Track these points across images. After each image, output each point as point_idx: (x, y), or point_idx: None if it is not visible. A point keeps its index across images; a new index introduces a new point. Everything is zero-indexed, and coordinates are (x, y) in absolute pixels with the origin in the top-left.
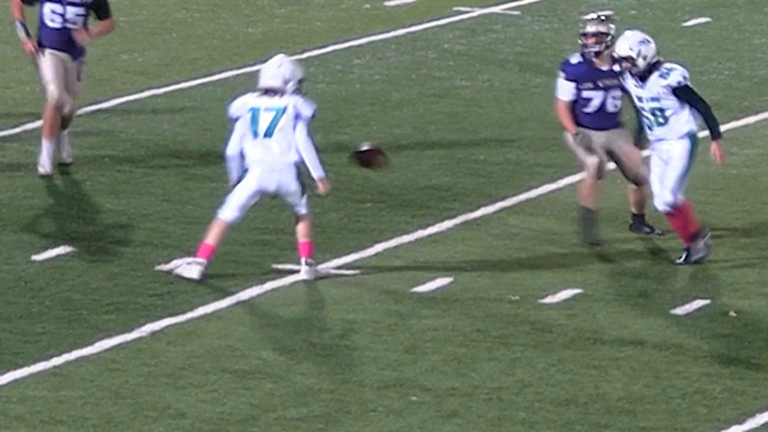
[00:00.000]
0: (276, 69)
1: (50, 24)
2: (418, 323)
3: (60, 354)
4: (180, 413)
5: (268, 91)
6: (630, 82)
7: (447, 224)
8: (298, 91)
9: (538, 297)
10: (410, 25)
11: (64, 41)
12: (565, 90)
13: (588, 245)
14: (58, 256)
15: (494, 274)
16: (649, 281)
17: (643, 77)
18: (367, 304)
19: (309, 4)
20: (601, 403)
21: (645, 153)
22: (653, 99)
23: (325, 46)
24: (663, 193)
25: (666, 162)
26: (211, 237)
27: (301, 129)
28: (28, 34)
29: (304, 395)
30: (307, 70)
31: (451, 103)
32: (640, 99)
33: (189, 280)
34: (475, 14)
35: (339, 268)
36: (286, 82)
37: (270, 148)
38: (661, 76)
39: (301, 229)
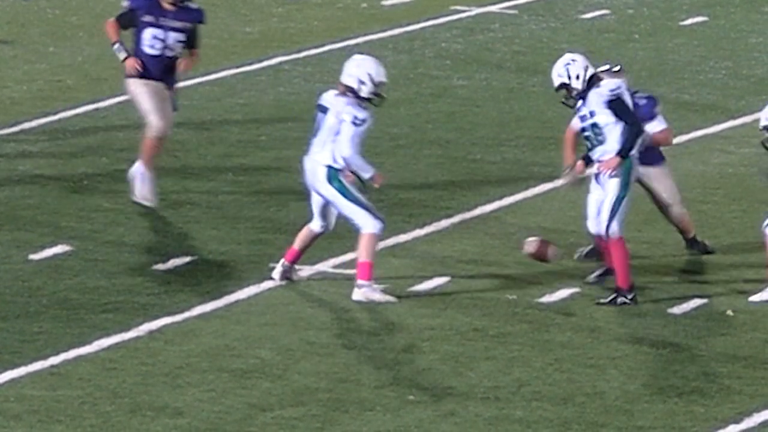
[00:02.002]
0: (353, 68)
1: (148, 51)
2: (415, 322)
3: (57, 353)
4: (177, 412)
5: (343, 89)
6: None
7: (444, 223)
8: (374, 94)
9: (536, 296)
10: (407, 25)
11: (161, 69)
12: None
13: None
14: (55, 256)
15: (491, 273)
16: (647, 280)
17: (584, 96)
18: (364, 304)
19: (306, 3)
20: (599, 402)
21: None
22: (591, 114)
23: (322, 45)
24: (597, 221)
25: (603, 186)
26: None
27: (344, 132)
28: (128, 52)
29: (302, 394)
30: (305, 69)
31: (448, 102)
32: (582, 118)
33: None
34: (472, 13)
35: (337, 267)
36: (361, 83)
37: (312, 146)
38: (597, 87)
39: (360, 245)
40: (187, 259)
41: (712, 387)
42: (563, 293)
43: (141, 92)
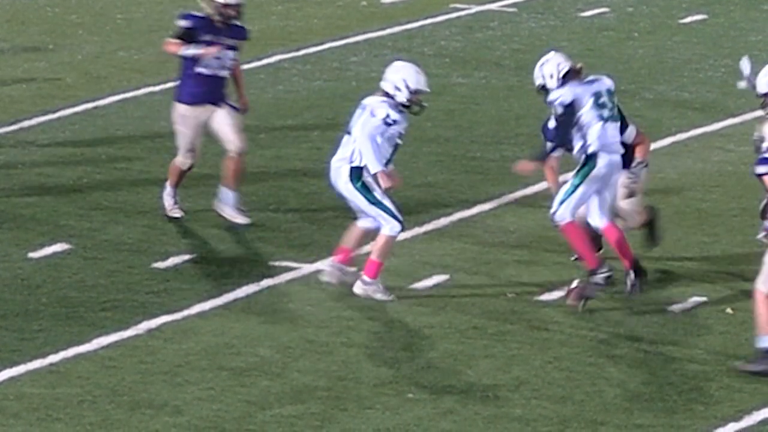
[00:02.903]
0: (391, 73)
1: (203, 71)
2: (414, 320)
3: (57, 351)
4: (177, 410)
5: (381, 94)
6: None
7: (443, 221)
8: (412, 102)
9: (535, 294)
10: (407, 23)
11: (211, 91)
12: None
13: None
14: (54, 254)
15: (490, 271)
16: (646, 278)
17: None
18: (364, 301)
19: (306, 1)
20: (598, 400)
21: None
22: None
23: (321, 43)
24: (595, 214)
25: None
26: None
27: (363, 125)
28: (198, 48)
29: (301, 392)
30: (304, 67)
31: (447, 100)
32: None
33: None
34: (471, 11)
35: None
36: (396, 89)
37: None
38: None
39: (374, 244)
40: (186, 257)
41: (711, 385)
42: (562, 291)
43: (184, 129)
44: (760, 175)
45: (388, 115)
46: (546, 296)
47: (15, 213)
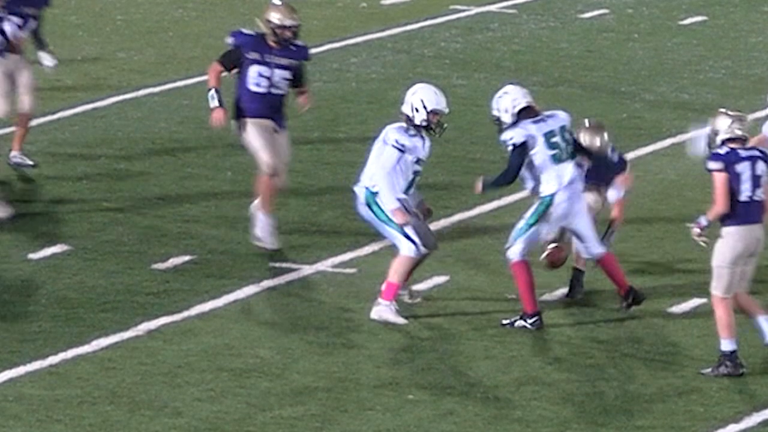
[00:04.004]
0: (409, 95)
1: (254, 89)
2: (414, 321)
3: (56, 353)
4: (176, 412)
5: (404, 117)
6: None
7: (443, 222)
8: (430, 122)
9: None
10: (406, 24)
11: (268, 107)
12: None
13: None
14: (54, 255)
15: (490, 272)
16: (646, 279)
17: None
18: (364, 303)
19: (305, 2)
20: (598, 401)
21: None
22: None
23: (321, 45)
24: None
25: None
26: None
27: (380, 155)
28: (221, 102)
29: (301, 394)
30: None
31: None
32: None
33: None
34: (471, 13)
35: (335, 266)
36: (415, 110)
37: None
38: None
39: (392, 264)
40: (186, 258)
41: (711, 387)
42: (562, 292)
43: (250, 130)
44: (710, 171)
45: (396, 141)
46: (546, 297)
47: (15, 214)
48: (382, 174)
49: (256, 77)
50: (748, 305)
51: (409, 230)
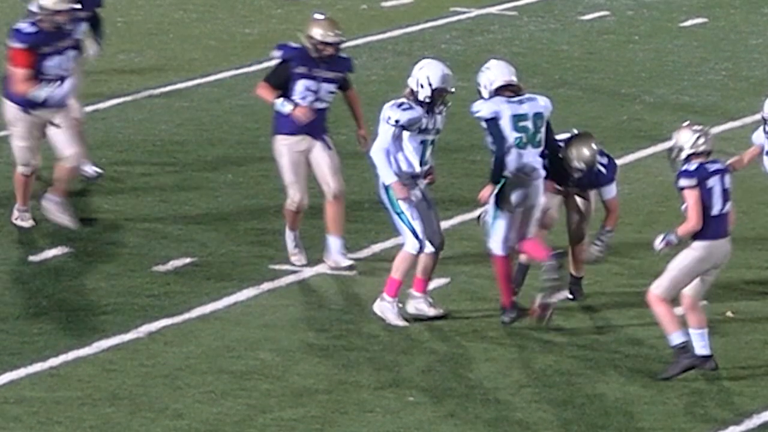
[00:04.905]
0: (416, 70)
1: (299, 102)
2: (414, 323)
3: (57, 355)
4: (177, 414)
5: (408, 91)
6: None
7: (444, 225)
8: (434, 99)
9: (535, 297)
10: (407, 26)
11: (311, 122)
12: None
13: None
14: (55, 257)
15: (491, 274)
16: (646, 281)
17: None
18: (364, 305)
19: (306, 4)
20: (598, 403)
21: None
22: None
23: None
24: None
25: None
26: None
27: (381, 132)
28: (294, 102)
29: (301, 396)
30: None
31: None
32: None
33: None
34: (471, 15)
35: (335, 268)
36: (420, 86)
37: None
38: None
39: (396, 258)
40: (187, 260)
41: (712, 388)
42: (562, 294)
43: (285, 161)
44: (681, 189)
45: (389, 118)
46: (546, 299)
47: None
48: (377, 149)
49: (302, 91)
50: (700, 314)
51: (416, 225)
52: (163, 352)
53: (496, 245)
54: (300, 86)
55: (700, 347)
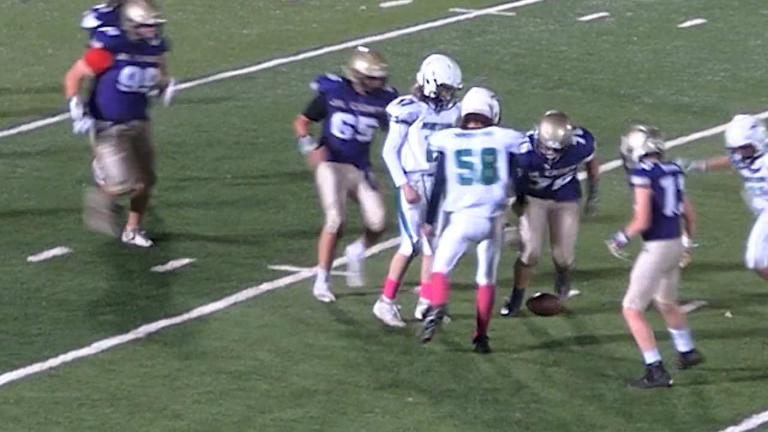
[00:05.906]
0: (424, 65)
1: (338, 135)
2: (414, 324)
3: (56, 355)
4: (176, 414)
5: (417, 87)
6: None
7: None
8: (439, 95)
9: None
10: (405, 27)
11: (353, 152)
12: None
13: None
14: (54, 257)
15: None
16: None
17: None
18: (363, 305)
19: (304, 5)
20: (597, 403)
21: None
22: None
23: (320, 48)
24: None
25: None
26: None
27: (389, 135)
28: (314, 144)
29: (300, 396)
30: (303, 71)
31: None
32: None
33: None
34: (470, 16)
35: (336, 268)
36: (426, 81)
37: None
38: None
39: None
40: (186, 261)
41: (711, 389)
42: (562, 295)
43: (327, 184)
44: (633, 185)
45: (390, 114)
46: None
47: (14, 217)
48: (388, 149)
49: (340, 124)
50: (678, 315)
51: (414, 231)
52: (162, 353)
53: (438, 263)
54: (337, 119)
55: (682, 345)
